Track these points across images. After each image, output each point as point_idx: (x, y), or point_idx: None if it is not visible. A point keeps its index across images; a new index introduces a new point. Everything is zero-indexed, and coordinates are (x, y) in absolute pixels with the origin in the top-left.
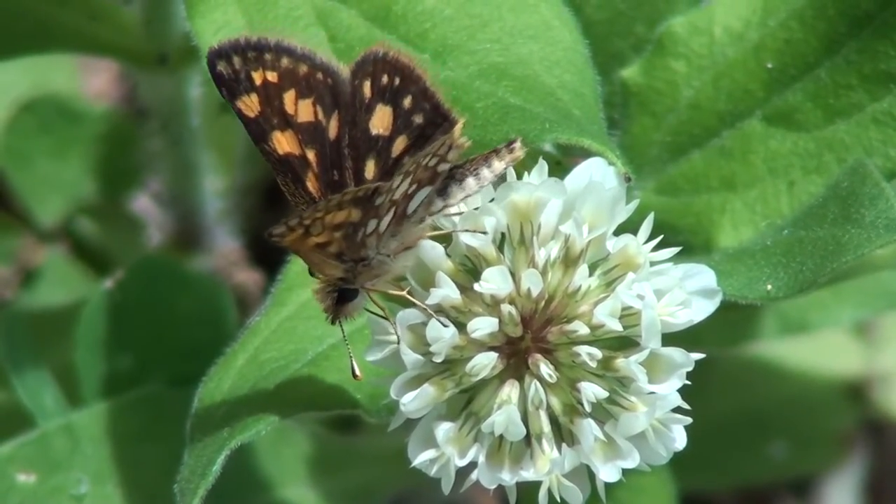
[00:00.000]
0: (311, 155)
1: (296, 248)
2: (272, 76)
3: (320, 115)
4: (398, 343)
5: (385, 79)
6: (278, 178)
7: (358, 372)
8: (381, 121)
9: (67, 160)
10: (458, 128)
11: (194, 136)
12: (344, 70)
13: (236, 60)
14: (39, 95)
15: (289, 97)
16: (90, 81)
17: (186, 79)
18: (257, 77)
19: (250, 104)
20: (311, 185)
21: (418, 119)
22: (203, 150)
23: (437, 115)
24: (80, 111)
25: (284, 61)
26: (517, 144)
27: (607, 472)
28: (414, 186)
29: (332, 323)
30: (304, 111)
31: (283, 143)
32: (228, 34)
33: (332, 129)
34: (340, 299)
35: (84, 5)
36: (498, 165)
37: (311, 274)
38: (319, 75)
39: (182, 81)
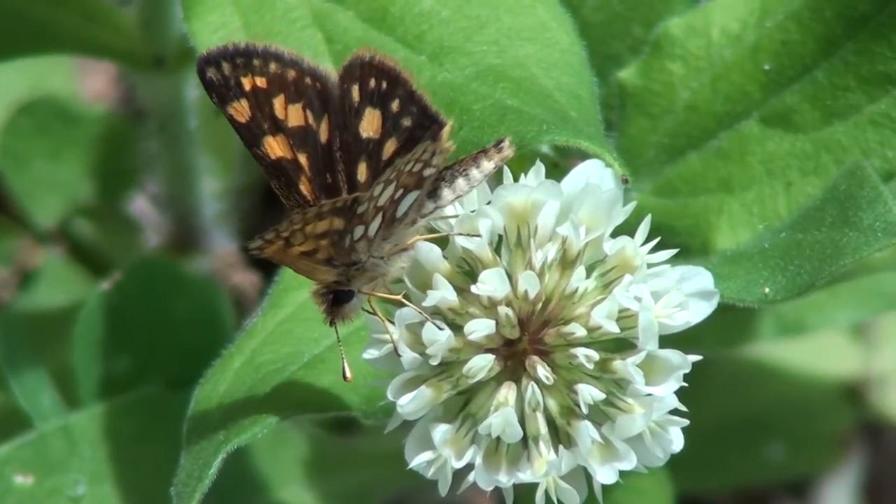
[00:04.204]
0: (302, 159)
1: (279, 259)
2: (261, 82)
3: (310, 120)
4: (395, 342)
5: (372, 83)
6: (272, 183)
7: (349, 374)
8: (370, 124)
9: (65, 162)
10: (445, 131)
11: (192, 138)
12: (332, 74)
13: (225, 67)
14: (37, 97)
15: (279, 102)
16: (88, 83)
17: (184, 81)
18: (247, 83)
19: (241, 110)
20: (304, 188)
21: (407, 122)
22: (200, 151)
23: (426, 118)
24: (77, 113)
25: (272, 66)
26: (506, 143)
27: (604, 474)
28: (400, 192)
29: (330, 325)
30: (295, 116)
31: (275, 147)
32: (225, 36)
33: (323, 133)
34: (335, 301)
35: (82, 7)
36: (487, 165)
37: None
38: (308, 80)
39: (179, 83)
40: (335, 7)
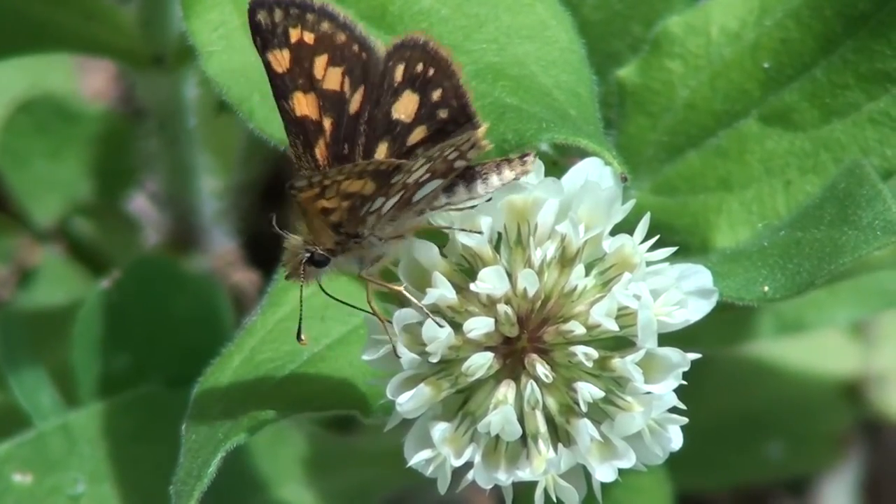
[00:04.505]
0: (327, 123)
1: (305, 207)
2: (309, 37)
3: (346, 87)
4: (394, 343)
5: (419, 67)
6: (288, 139)
7: (304, 338)
8: (405, 107)
9: (64, 160)
10: (481, 130)
11: (191, 137)
12: (380, 48)
13: (277, 13)
14: (36, 95)
15: (320, 61)
16: (87, 81)
17: (183, 79)
18: (294, 34)
19: (280, 59)
20: (319, 152)
21: (443, 114)
22: (200, 150)
23: (462, 115)
24: (76, 111)
25: (325, 25)
26: (530, 158)
27: (603, 473)
28: (427, 175)
29: (287, 278)
30: (332, 79)
31: (303, 104)
32: (225, 34)
33: (355, 104)
34: (310, 261)
35: (81, 5)
36: (508, 175)
37: (280, 231)
38: (356, 47)
39: (179, 82)
40: (335, 5)
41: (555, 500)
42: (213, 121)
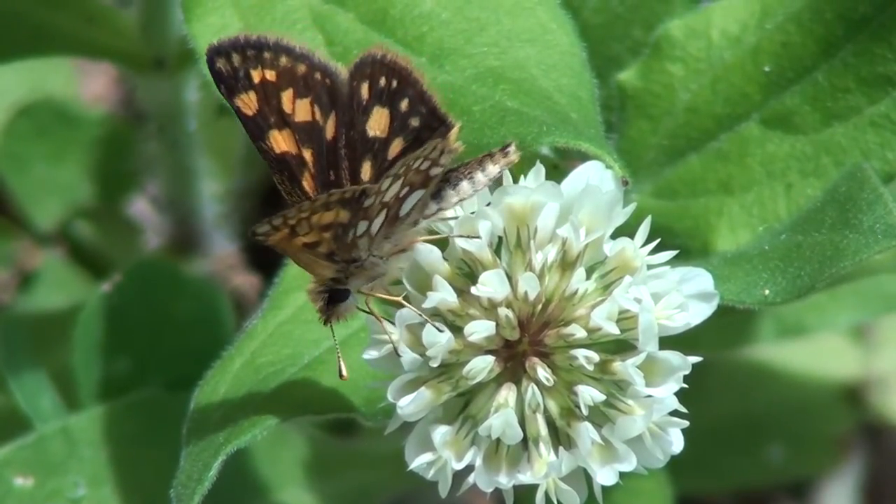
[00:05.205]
0: (307, 154)
1: (283, 248)
2: (270, 75)
3: (317, 115)
4: (396, 343)
5: (383, 81)
6: (275, 177)
7: (345, 372)
8: (377, 123)
9: (65, 164)
10: (453, 132)
11: (192, 140)
12: (342, 71)
13: (235, 58)
14: (37, 99)
15: (286, 96)
16: (88, 85)
17: (184, 82)
18: (256, 75)
19: (248, 102)
20: (307, 184)
21: (415, 122)
22: (200, 153)
23: (434, 119)
24: (77, 115)
25: (283, 60)
26: (512, 148)
27: (604, 476)
28: (406, 189)
29: (325, 324)
30: (302, 111)
31: (281, 141)
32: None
33: (329, 130)
34: (331, 300)
35: (81, 9)
36: (492, 169)
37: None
38: (317, 75)
39: (179, 85)
40: (335, 9)
41: (556, 503)
42: (214, 124)
